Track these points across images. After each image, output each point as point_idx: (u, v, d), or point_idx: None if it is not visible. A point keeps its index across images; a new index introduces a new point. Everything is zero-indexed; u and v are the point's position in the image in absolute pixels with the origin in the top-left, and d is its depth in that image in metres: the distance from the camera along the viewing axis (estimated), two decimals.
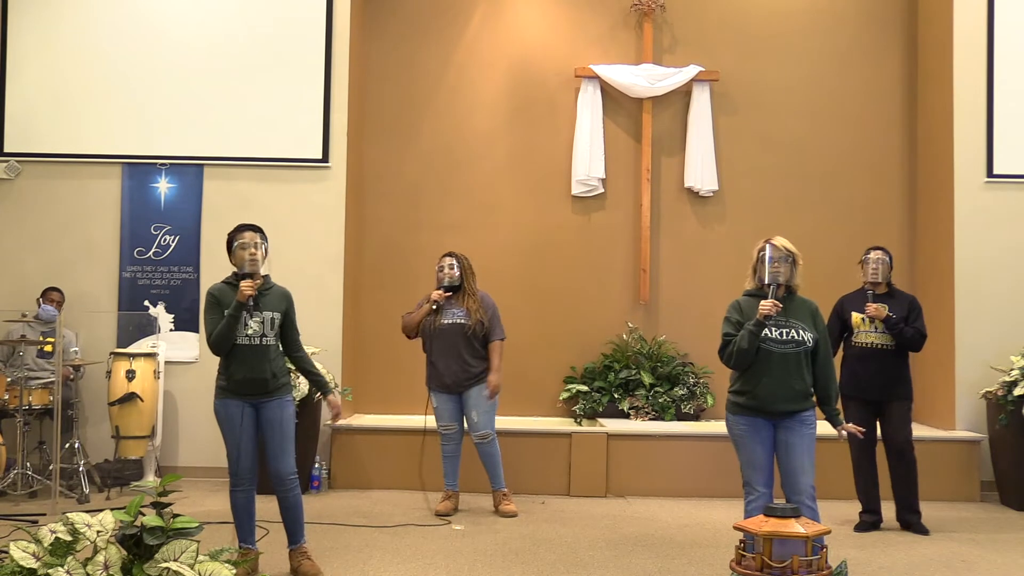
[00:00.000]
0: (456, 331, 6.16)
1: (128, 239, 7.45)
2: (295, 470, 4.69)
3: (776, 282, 4.45)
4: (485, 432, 6.20)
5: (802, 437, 4.41)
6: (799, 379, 4.41)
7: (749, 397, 4.44)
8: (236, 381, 4.57)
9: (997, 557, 5.32)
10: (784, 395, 4.39)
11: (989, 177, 7.43)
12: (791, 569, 3.40)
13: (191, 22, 7.53)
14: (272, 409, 4.63)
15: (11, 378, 6.54)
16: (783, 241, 4.55)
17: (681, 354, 7.96)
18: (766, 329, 4.39)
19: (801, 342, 4.41)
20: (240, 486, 4.61)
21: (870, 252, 6.04)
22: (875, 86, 8.20)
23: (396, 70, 8.16)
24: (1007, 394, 6.67)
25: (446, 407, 6.25)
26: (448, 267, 6.25)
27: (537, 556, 5.15)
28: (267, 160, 7.48)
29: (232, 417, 4.58)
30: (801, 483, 4.38)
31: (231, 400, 4.60)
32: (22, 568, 2.99)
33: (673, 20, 8.22)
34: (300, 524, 4.71)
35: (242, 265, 4.61)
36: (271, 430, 4.63)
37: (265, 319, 4.61)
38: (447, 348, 6.16)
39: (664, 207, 8.14)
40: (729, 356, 4.48)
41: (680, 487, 6.94)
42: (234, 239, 4.67)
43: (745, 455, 4.48)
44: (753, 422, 4.44)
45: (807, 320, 4.48)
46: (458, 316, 6.18)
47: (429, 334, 6.24)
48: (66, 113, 7.48)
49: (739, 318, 4.51)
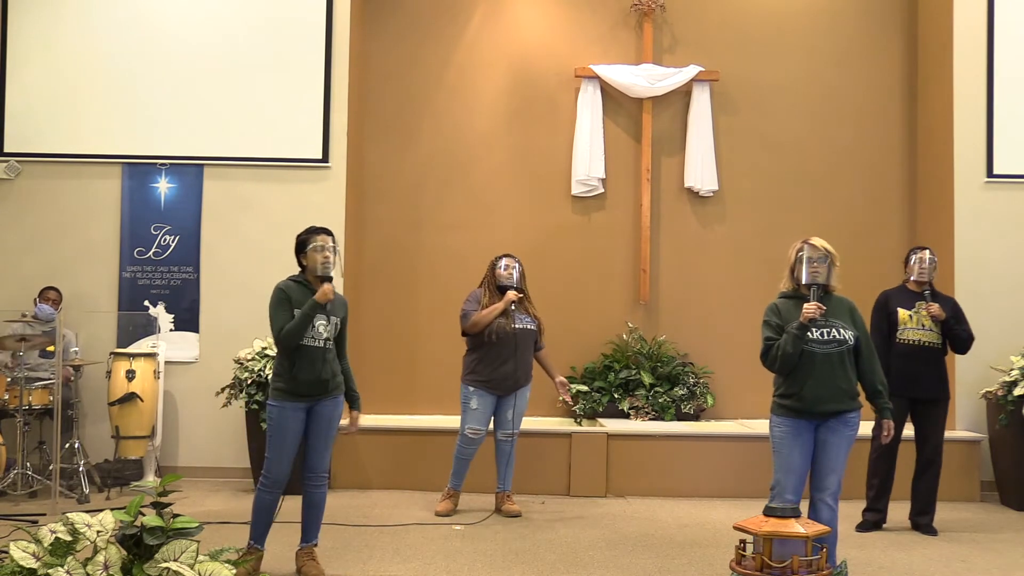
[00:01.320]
0: (527, 337, 6.18)
1: (128, 239, 7.45)
2: (328, 468, 4.75)
3: (816, 283, 4.42)
4: (515, 432, 6.23)
5: (841, 437, 4.39)
6: (844, 378, 4.38)
7: (796, 399, 4.39)
8: (300, 382, 4.55)
9: (997, 557, 5.32)
10: (830, 395, 4.36)
11: (989, 177, 7.44)
12: (791, 569, 3.40)
13: (191, 22, 7.53)
14: (326, 406, 4.65)
15: (11, 378, 6.54)
16: (821, 241, 4.52)
17: (681, 354, 7.96)
18: (808, 331, 4.37)
19: (843, 341, 4.38)
20: (271, 488, 4.59)
21: (918, 251, 6.02)
22: (875, 86, 8.20)
23: (396, 70, 8.16)
24: (1007, 394, 6.68)
25: (486, 411, 6.17)
26: (512, 267, 6.23)
27: (537, 556, 5.15)
28: (267, 160, 7.48)
29: (286, 422, 4.55)
30: (827, 481, 4.38)
31: (289, 403, 4.56)
32: (22, 568, 2.99)
33: (673, 20, 8.22)
34: (317, 524, 4.73)
35: (316, 268, 4.62)
36: (319, 426, 4.64)
37: (332, 322, 4.64)
38: (519, 352, 6.13)
39: (664, 207, 8.14)
40: (773, 360, 4.44)
41: (680, 487, 6.94)
42: (308, 241, 4.68)
43: (781, 459, 4.43)
44: (796, 425, 4.40)
45: (846, 318, 4.45)
46: (527, 322, 6.18)
47: (501, 336, 6.10)
48: (66, 113, 7.48)
49: (778, 321, 4.47)
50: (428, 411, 7.79)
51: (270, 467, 4.57)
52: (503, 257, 6.30)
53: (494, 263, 6.30)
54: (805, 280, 4.44)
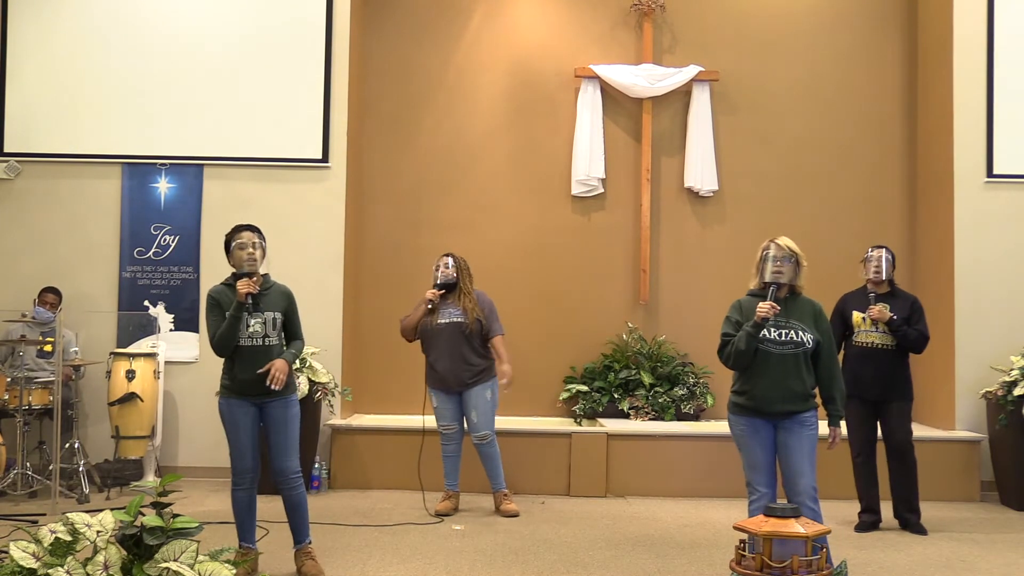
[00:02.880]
0: (454, 329, 6.16)
1: (128, 239, 7.45)
2: (298, 468, 4.69)
3: (777, 283, 4.43)
4: (484, 433, 6.20)
5: (801, 439, 4.38)
6: (798, 380, 4.38)
7: (748, 398, 4.42)
8: (240, 381, 4.58)
9: (997, 557, 5.32)
10: (782, 396, 4.36)
11: (989, 177, 7.43)
12: (791, 569, 3.40)
13: (191, 22, 7.53)
14: (276, 408, 4.63)
15: (11, 378, 6.54)
16: (787, 241, 4.52)
17: (681, 354, 7.96)
18: (764, 330, 4.38)
19: (800, 343, 4.38)
20: (241, 485, 4.62)
21: (872, 251, 6.01)
22: (875, 86, 8.20)
23: (396, 70, 8.16)
24: (1007, 394, 6.67)
25: (446, 407, 6.26)
26: (444, 266, 6.25)
27: (537, 556, 5.15)
28: (267, 160, 7.48)
29: (235, 416, 4.59)
30: (800, 484, 4.36)
31: (234, 399, 4.61)
32: (22, 568, 2.99)
33: (673, 20, 8.22)
34: (304, 523, 4.72)
35: (240, 265, 4.62)
36: (275, 429, 4.64)
37: (267, 319, 4.61)
38: (446, 347, 6.16)
39: (664, 207, 8.14)
40: (727, 356, 4.47)
41: (680, 487, 6.94)
42: (232, 239, 4.68)
43: (746, 456, 4.46)
44: (752, 423, 4.43)
45: (808, 321, 4.44)
46: (455, 315, 6.18)
47: (427, 334, 6.24)
48: (66, 113, 7.48)
49: (739, 318, 4.49)
50: (428, 411, 7.77)
51: (233, 463, 4.63)
52: (443, 256, 6.32)
53: (435, 263, 6.34)
54: (767, 279, 4.45)
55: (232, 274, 4.68)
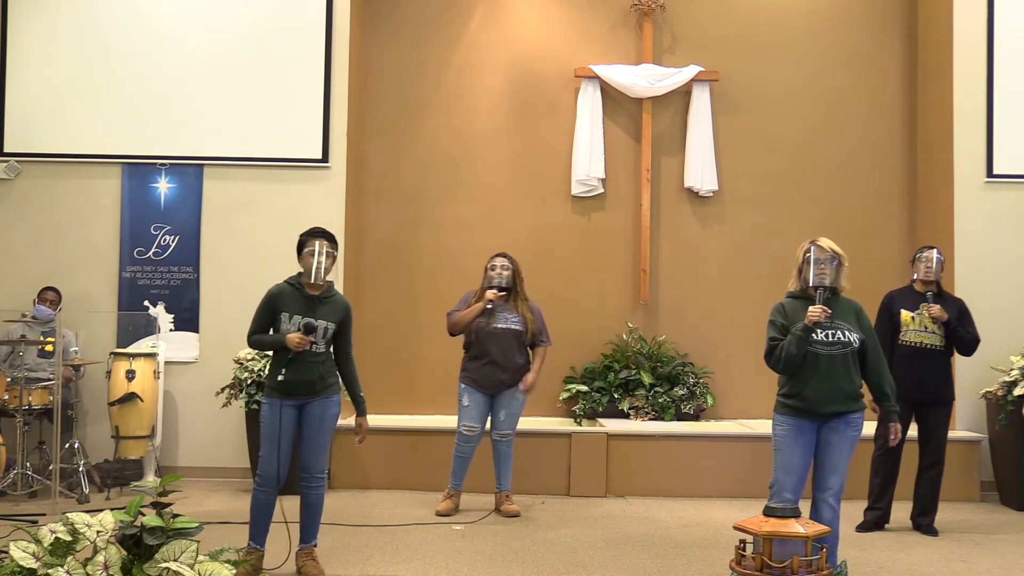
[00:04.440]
0: (511, 337, 6.15)
1: (128, 239, 7.45)
2: (324, 468, 4.73)
3: (823, 284, 4.42)
4: (507, 432, 6.23)
5: (844, 438, 4.40)
6: (847, 380, 4.38)
7: (799, 399, 4.40)
8: (286, 383, 4.58)
9: (997, 557, 5.32)
10: (832, 397, 4.36)
11: (989, 177, 7.43)
12: (791, 569, 3.40)
13: (191, 23, 7.53)
14: (316, 407, 4.65)
15: (11, 378, 6.54)
16: (829, 242, 4.52)
17: (681, 354, 7.96)
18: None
19: (847, 343, 4.38)
20: (267, 488, 4.60)
21: (924, 251, 5.99)
22: (875, 86, 8.20)
23: (396, 70, 8.16)
24: (1007, 394, 6.67)
25: (478, 407, 6.20)
26: (500, 267, 6.22)
27: (537, 556, 5.15)
28: (267, 160, 7.48)
29: (278, 420, 4.57)
30: (830, 481, 4.38)
31: (277, 400, 4.60)
32: (22, 568, 2.99)
33: (673, 20, 8.22)
34: (316, 524, 4.73)
35: (308, 270, 4.65)
36: (311, 426, 4.65)
37: (320, 327, 4.61)
38: (500, 352, 6.12)
39: (664, 207, 8.13)
40: (777, 360, 4.44)
41: (680, 487, 6.94)
42: (305, 243, 4.70)
43: (782, 458, 4.43)
44: (799, 424, 4.40)
45: (852, 320, 4.45)
46: (513, 322, 6.16)
47: (481, 335, 6.15)
48: (66, 113, 7.48)
49: (784, 321, 4.47)
50: (428, 411, 7.79)
51: (262, 464, 4.61)
52: (496, 257, 6.30)
53: (488, 263, 6.31)
54: (812, 281, 4.44)
55: (297, 273, 4.71)
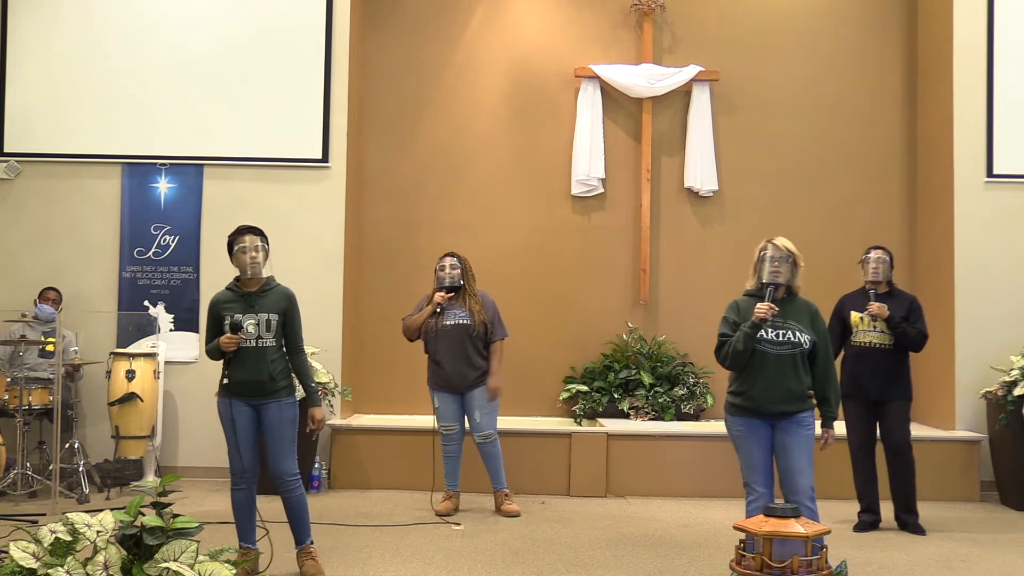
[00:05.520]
0: (460, 332, 6.16)
1: (128, 239, 7.45)
2: (295, 471, 4.68)
3: (775, 283, 4.43)
4: (488, 432, 6.21)
5: (799, 439, 4.40)
6: (795, 380, 4.39)
7: (745, 398, 4.44)
8: (235, 382, 4.59)
9: (997, 557, 5.32)
10: (779, 396, 4.38)
11: (989, 177, 7.43)
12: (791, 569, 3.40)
13: (191, 22, 7.53)
14: (271, 411, 4.63)
15: (11, 378, 6.54)
16: (784, 241, 4.53)
17: (681, 354, 7.96)
18: (762, 330, 4.38)
19: (797, 344, 4.39)
20: (239, 485, 4.63)
21: (871, 251, 6.03)
22: (875, 86, 8.20)
23: (396, 70, 8.16)
24: (1007, 394, 6.67)
25: (449, 408, 6.25)
26: (449, 267, 6.23)
27: (537, 556, 5.15)
28: (267, 160, 7.48)
29: (231, 416, 4.60)
30: (799, 484, 4.37)
31: (230, 399, 4.62)
32: (22, 568, 2.99)
33: (673, 20, 8.22)
34: (305, 525, 4.72)
35: (244, 269, 4.63)
36: (269, 432, 4.64)
37: (261, 320, 4.59)
38: (452, 349, 6.15)
39: (664, 207, 8.14)
40: (724, 357, 4.48)
41: (680, 487, 6.94)
42: (234, 242, 4.67)
43: (743, 456, 4.48)
44: (749, 423, 4.44)
45: (805, 321, 4.45)
46: (461, 317, 6.17)
47: (432, 335, 6.22)
48: (66, 113, 7.48)
49: (736, 318, 4.49)
50: (427, 411, 7.75)
51: (230, 462, 4.65)
52: (445, 256, 6.30)
53: (437, 263, 6.32)
54: (765, 279, 4.45)
55: (235, 278, 4.70)
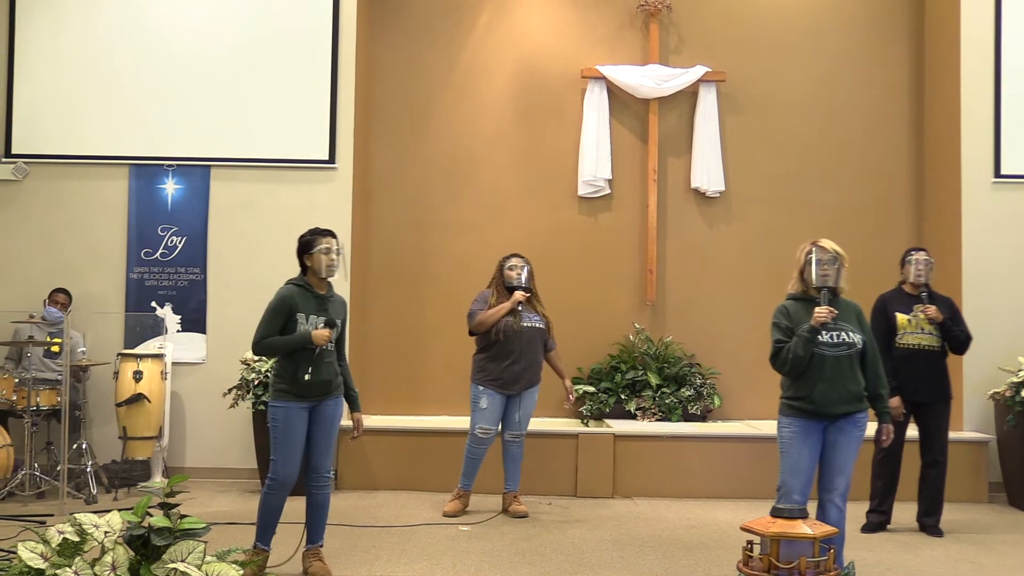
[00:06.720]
0: (536, 335, 6.19)
1: (135, 240, 7.47)
2: (331, 468, 4.76)
3: (826, 285, 4.42)
4: (521, 433, 6.25)
5: (851, 438, 4.41)
6: (853, 381, 4.40)
7: (806, 402, 4.40)
8: (306, 384, 4.56)
9: (1005, 558, 5.31)
10: (840, 398, 4.37)
11: (997, 178, 7.41)
12: (798, 570, 3.39)
13: (198, 24, 7.54)
14: (328, 407, 4.68)
15: (19, 379, 6.56)
16: (830, 243, 4.52)
17: (688, 355, 7.95)
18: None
19: (852, 344, 4.40)
20: (279, 491, 4.60)
21: (913, 252, 6.00)
22: (882, 87, 8.18)
23: (403, 71, 8.16)
24: (1015, 395, 6.66)
25: (495, 410, 6.18)
26: (519, 268, 6.25)
27: (544, 557, 5.15)
28: (274, 161, 7.49)
29: (292, 422, 4.57)
30: (836, 481, 4.40)
31: (294, 404, 4.59)
32: (30, 568, 3.00)
33: (679, 21, 8.21)
34: (322, 524, 4.75)
35: (321, 270, 4.67)
36: (322, 427, 4.67)
37: (337, 325, 4.68)
38: (527, 351, 6.15)
39: (671, 208, 8.13)
40: (783, 363, 4.44)
41: (687, 488, 6.93)
42: (314, 243, 4.68)
43: (789, 460, 4.43)
44: (806, 425, 4.41)
45: (853, 321, 4.48)
46: (536, 321, 6.21)
47: (510, 334, 6.12)
48: (73, 115, 7.50)
49: (788, 323, 4.47)
50: (435, 412, 7.80)
51: (276, 469, 4.57)
52: (511, 257, 6.32)
53: (502, 263, 6.32)
54: (815, 283, 4.44)
55: (302, 272, 4.73)
